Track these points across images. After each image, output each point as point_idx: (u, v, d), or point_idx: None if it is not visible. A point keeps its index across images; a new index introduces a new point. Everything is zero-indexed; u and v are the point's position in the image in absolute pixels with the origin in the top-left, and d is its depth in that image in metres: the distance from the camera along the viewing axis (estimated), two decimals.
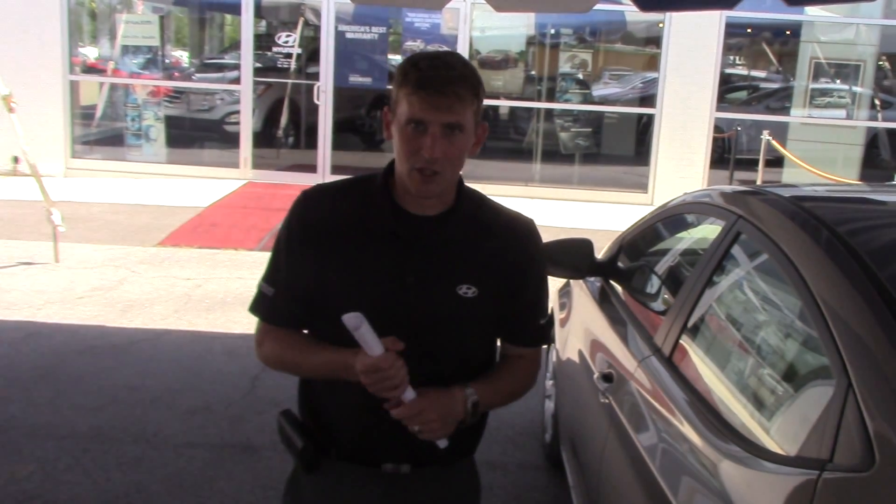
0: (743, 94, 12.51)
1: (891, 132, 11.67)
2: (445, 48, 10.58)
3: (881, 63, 11.54)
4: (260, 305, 1.87)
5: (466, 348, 1.84)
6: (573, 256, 3.22)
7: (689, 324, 2.38)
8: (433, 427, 1.72)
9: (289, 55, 11.00)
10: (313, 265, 1.78)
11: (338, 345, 1.77)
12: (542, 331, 1.93)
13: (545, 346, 4.32)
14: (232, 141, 11.05)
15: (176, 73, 12.19)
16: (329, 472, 1.87)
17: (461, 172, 1.82)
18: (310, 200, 1.83)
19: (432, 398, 1.71)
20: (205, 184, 10.32)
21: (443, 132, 1.66)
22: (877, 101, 11.52)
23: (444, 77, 1.65)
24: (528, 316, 1.90)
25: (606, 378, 2.66)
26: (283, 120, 11.35)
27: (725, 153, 11.22)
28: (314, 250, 1.78)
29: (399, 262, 1.75)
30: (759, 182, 10.18)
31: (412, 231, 1.76)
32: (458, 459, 1.90)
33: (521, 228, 1.87)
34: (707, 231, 2.81)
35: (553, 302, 4.27)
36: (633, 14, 10.61)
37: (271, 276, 1.86)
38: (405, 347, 1.68)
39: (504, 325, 1.87)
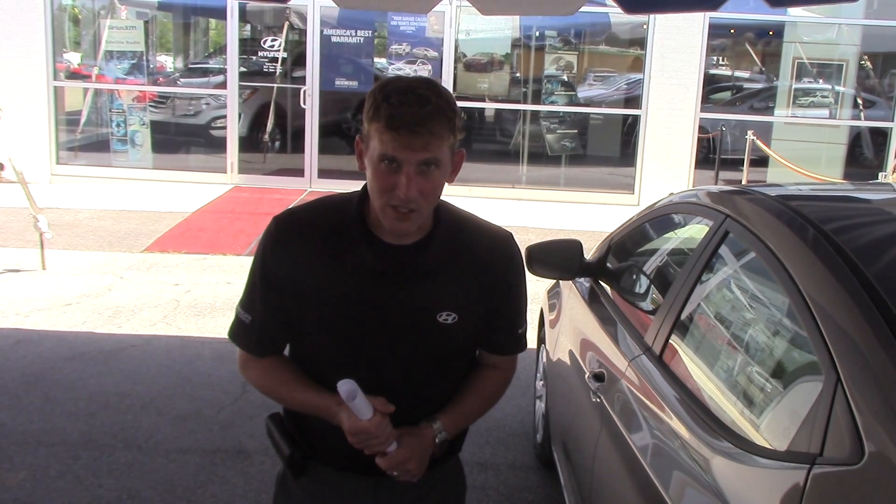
0: (727, 95, 12.58)
1: (873, 131, 11.77)
2: (431, 51, 10.61)
3: (863, 63, 11.63)
4: (239, 334, 1.86)
5: (448, 367, 1.85)
6: (563, 257, 3.24)
7: (680, 322, 2.40)
8: (413, 474, 1.77)
9: (274, 59, 10.99)
10: (289, 290, 1.76)
11: (317, 367, 1.81)
12: (520, 339, 1.93)
13: (535, 347, 4.35)
14: (218, 145, 11.04)
15: (161, 79, 12.15)
16: (317, 473, 1.89)
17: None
18: (283, 229, 1.77)
19: (412, 446, 1.75)
20: (191, 189, 10.29)
21: (418, 169, 1.60)
22: (859, 101, 11.62)
23: (417, 115, 1.55)
24: (508, 326, 1.90)
25: (598, 377, 2.68)
26: (270, 124, 11.33)
27: (710, 153, 11.30)
28: (289, 276, 1.75)
29: (378, 295, 1.72)
30: (744, 181, 10.25)
31: (390, 264, 1.72)
32: (444, 460, 1.91)
33: (500, 245, 1.84)
34: (694, 231, 2.83)
35: (542, 303, 4.29)
36: (618, 16, 10.66)
37: (248, 303, 1.83)
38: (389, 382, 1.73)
39: (483, 336, 1.88)
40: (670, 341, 2.38)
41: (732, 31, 11.91)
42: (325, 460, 1.88)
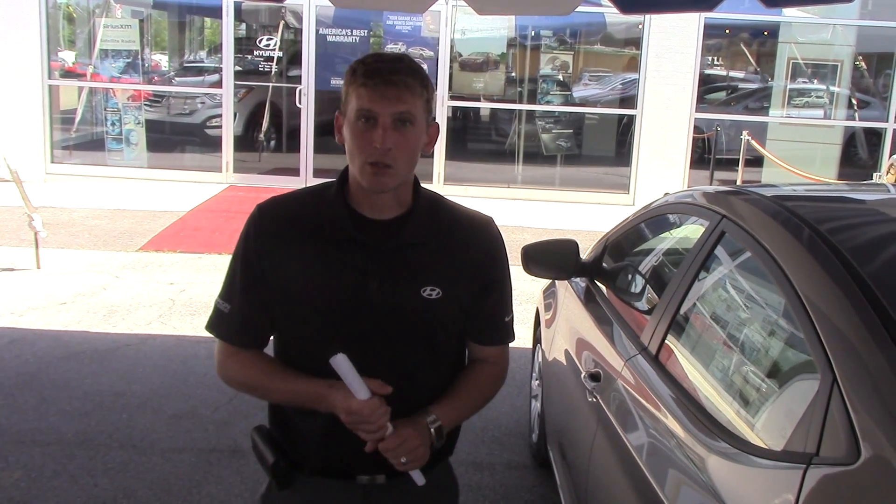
0: (722, 95, 12.61)
1: (868, 131, 11.79)
2: (427, 51, 10.61)
3: (858, 63, 11.66)
4: (218, 324, 1.83)
5: (435, 349, 1.82)
6: (558, 257, 3.24)
7: (676, 322, 2.40)
8: (420, 453, 1.71)
9: (270, 58, 10.99)
10: (273, 276, 1.76)
11: (304, 356, 1.78)
12: (507, 328, 1.92)
13: (531, 346, 4.35)
14: (213, 145, 11.02)
15: (156, 77, 12.13)
16: (303, 486, 1.84)
17: (417, 174, 1.80)
18: (266, 212, 1.80)
19: (405, 434, 1.70)
20: (186, 188, 10.28)
21: (394, 124, 1.64)
22: (854, 101, 11.65)
23: (391, 68, 1.65)
24: (493, 314, 1.88)
25: (594, 377, 2.69)
26: (265, 123, 11.33)
27: (706, 153, 11.32)
28: (273, 262, 1.76)
29: (360, 268, 1.72)
30: (738, 182, 10.27)
31: (371, 236, 1.74)
32: (435, 464, 1.86)
33: (481, 227, 1.86)
34: (690, 231, 2.84)
35: (538, 302, 4.30)
36: (613, 16, 10.67)
37: (227, 293, 1.83)
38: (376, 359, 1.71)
39: (469, 324, 1.86)
40: (666, 341, 2.38)
41: (728, 31, 11.94)
42: (312, 470, 1.83)
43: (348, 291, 1.72)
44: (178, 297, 6.24)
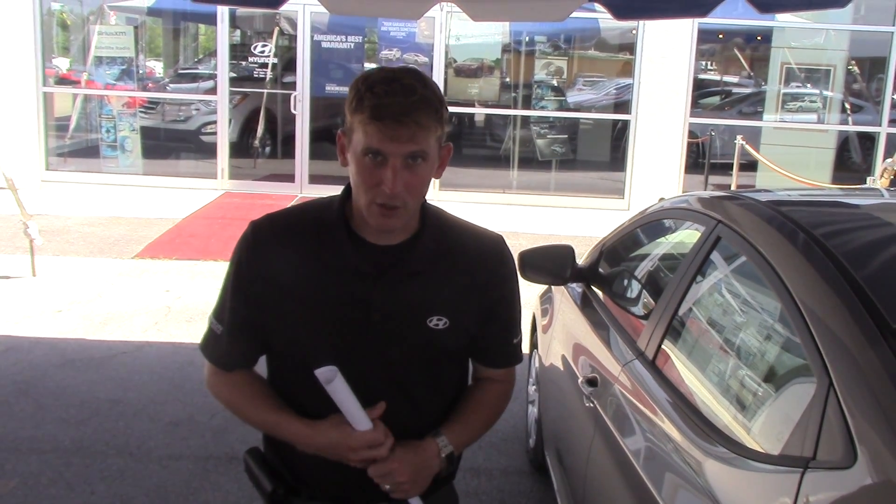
0: (716, 100, 12.64)
1: (861, 136, 11.83)
2: (421, 56, 10.63)
3: (851, 67, 11.70)
4: (209, 345, 1.77)
5: (440, 377, 1.76)
6: (555, 263, 3.25)
7: (672, 327, 2.41)
8: (404, 488, 1.65)
9: (265, 65, 10.99)
10: (268, 306, 1.66)
11: (298, 381, 1.70)
12: (515, 350, 1.85)
13: (528, 352, 4.36)
14: (208, 151, 11.01)
15: (150, 84, 12.12)
16: None
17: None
18: (260, 234, 1.69)
19: (406, 458, 1.64)
20: (181, 195, 10.26)
21: (404, 163, 1.53)
22: (847, 105, 11.68)
23: (402, 104, 1.49)
24: (501, 338, 1.82)
25: (591, 382, 2.69)
26: (260, 130, 11.32)
27: (700, 158, 11.35)
28: (268, 291, 1.66)
29: (363, 298, 1.63)
30: (733, 186, 10.29)
31: (375, 264, 1.64)
32: (436, 490, 1.78)
33: (491, 248, 1.76)
34: (686, 236, 2.85)
35: (535, 308, 4.30)
36: (608, 21, 10.70)
37: (220, 311, 1.74)
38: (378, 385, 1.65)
39: (477, 347, 1.79)
40: (663, 346, 2.39)
41: (721, 36, 11.97)
42: (311, 494, 1.77)
43: (349, 318, 1.64)
44: (173, 304, 6.23)
